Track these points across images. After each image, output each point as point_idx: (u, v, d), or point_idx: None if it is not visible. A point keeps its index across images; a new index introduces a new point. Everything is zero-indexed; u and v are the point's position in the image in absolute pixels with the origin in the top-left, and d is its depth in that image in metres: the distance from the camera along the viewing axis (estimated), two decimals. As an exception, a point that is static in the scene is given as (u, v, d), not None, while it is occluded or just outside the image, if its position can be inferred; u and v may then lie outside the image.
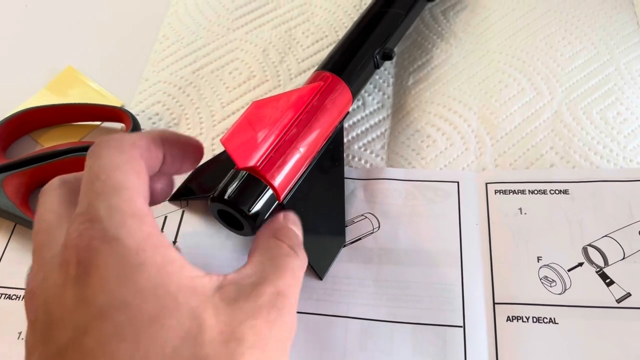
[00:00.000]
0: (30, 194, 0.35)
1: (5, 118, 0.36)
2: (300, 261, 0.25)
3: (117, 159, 0.21)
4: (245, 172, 0.28)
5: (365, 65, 0.35)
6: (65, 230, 0.21)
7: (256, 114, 0.28)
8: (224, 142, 0.26)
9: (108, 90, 0.40)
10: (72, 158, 0.34)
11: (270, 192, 0.28)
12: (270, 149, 0.29)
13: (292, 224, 0.27)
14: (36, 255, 0.22)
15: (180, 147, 0.25)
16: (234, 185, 0.28)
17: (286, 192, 0.30)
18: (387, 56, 0.36)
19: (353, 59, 0.35)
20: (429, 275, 0.31)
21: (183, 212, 0.34)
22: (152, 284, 0.19)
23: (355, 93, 0.34)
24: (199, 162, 0.27)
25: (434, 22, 0.43)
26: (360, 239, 0.33)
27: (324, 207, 0.32)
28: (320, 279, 0.31)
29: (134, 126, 0.36)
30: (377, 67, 0.36)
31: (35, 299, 0.20)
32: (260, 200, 0.28)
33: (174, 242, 0.33)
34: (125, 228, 0.20)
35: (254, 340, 0.20)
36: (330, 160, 0.33)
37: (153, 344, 0.18)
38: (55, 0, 0.46)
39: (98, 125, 0.38)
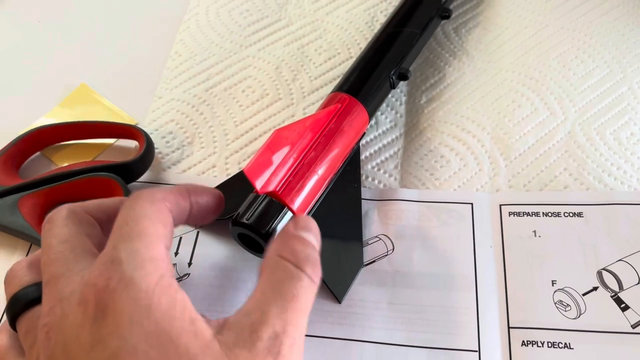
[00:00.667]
0: (44, 214, 0.35)
1: (19, 136, 0.37)
2: (307, 282, 0.24)
3: (147, 209, 0.23)
4: (265, 195, 0.29)
5: (381, 86, 0.35)
6: (83, 266, 0.22)
7: (277, 140, 0.29)
8: (246, 172, 0.27)
9: (121, 108, 0.40)
10: (87, 178, 0.34)
11: (289, 214, 0.29)
12: (289, 173, 0.29)
13: (303, 230, 0.26)
14: (52, 287, 0.22)
15: (205, 197, 0.27)
16: (254, 209, 0.28)
17: (305, 215, 0.30)
18: (403, 76, 0.36)
19: (369, 80, 0.35)
20: (443, 298, 0.31)
21: (198, 232, 0.34)
22: (157, 329, 0.20)
23: (371, 114, 0.35)
24: (221, 211, 0.28)
25: (446, 40, 0.43)
26: (374, 261, 0.33)
27: (342, 229, 0.32)
28: (339, 302, 0.31)
29: (148, 144, 0.36)
30: (393, 87, 0.36)
31: (54, 334, 0.21)
32: (280, 224, 0.28)
33: (189, 264, 0.33)
34: (141, 270, 0.21)
35: None
36: (348, 181, 0.33)
37: None
38: (67, 17, 0.46)
39: (112, 144, 0.38)
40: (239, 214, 0.29)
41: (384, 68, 0.36)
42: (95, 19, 0.46)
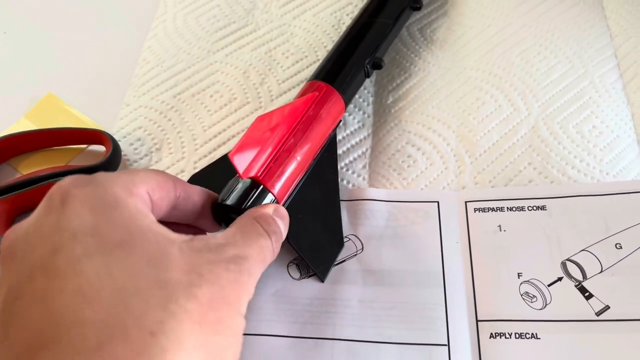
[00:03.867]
0: (12, 221, 0.35)
1: (-14, 148, 0.36)
2: (271, 245, 0.26)
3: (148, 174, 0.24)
4: (246, 179, 0.30)
5: (356, 75, 0.36)
6: None
7: (259, 127, 0.30)
8: (231, 156, 0.28)
9: (90, 117, 0.40)
10: (42, 187, 0.34)
11: (270, 196, 0.30)
12: (270, 158, 0.30)
13: (278, 216, 0.28)
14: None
15: (191, 189, 0.28)
16: (236, 192, 0.30)
17: (285, 198, 0.31)
18: (377, 65, 0.37)
19: (345, 69, 0.36)
20: (412, 295, 0.32)
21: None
22: (124, 220, 0.21)
23: (347, 102, 0.36)
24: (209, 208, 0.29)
25: (411, 40, 0.44)
26: (344, 260, 0.33)
27: (322, 213, 0.34)
28: (322, 281, 0.32)
29: (114, 149, 0.36)
30: (368, 76, 0.37)
31: (17, 234, 0.21)
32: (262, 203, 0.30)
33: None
34: (114, 184, 0.22)
35: (212, 278, 0.21)
36: (326, 167, 0.34)
37: (119, 265, 0.19)
38: (34, 27, 0.46)
39: (84, 149, 0.38)
40: (221, 197, 0.30)
41: (359, 57, 0.37)
42: (61, 28, 0.46)
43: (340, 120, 0.36)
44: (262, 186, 0.30)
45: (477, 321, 0.31)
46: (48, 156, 0.38)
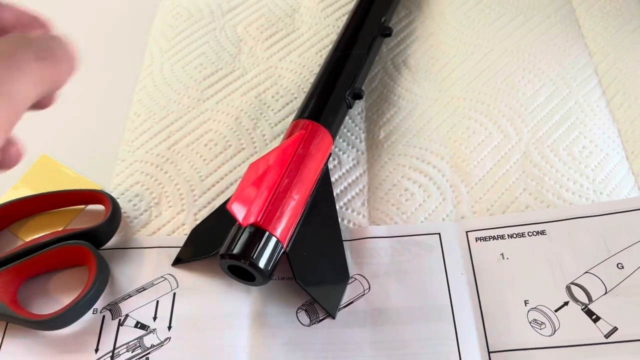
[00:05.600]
0: (18, 290, 0.34)
1: (-16, 217, 0.36)
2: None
3: None
4: (249, 226, 0.31)
5: (339, 108, 0.37)
6: None
7: (253, 174, 0.31)
8: (229, 207, 0.29)
9: (86, 176, 0.40)
10: (57, 249, 0.34)
11: (274, 240, 0.31)
12: (267, 202, 0.31)
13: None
14: None
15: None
16: (240, 240, 0.31)
17: (288, 239, 0.32)
18: (358, 95, 0.38)
19: (327, 104, 0.37)
20: (423, 331, 0.32)
21: (174, 294, 0.34)
22: None
23: (334, 135, 0.37)
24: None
25: (397, 73, 0.44)
26: (352, 302, 0.34)
27: (324, 248, 0.34)
28: (333, 318, 0.33)
29: (113, 207, 0.36)
30: (350, 107, 0.38)
31: None
32: (266, 250, 0.31)
33: (169, 327, 0.33)
34: None
35: None
36: (322, 201, 0.35)
37: None
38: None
39: (82, 210, 0.38)
40: (225, 246, 0.31)
41: (338, 90, 0.38)
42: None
43: (330, 154, 0.36)
44: (264, 231, 0.30)
45: (489, 353, 0.31)
46: (47, 219, 0.38)
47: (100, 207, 0.38)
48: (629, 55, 0.44)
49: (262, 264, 0.30)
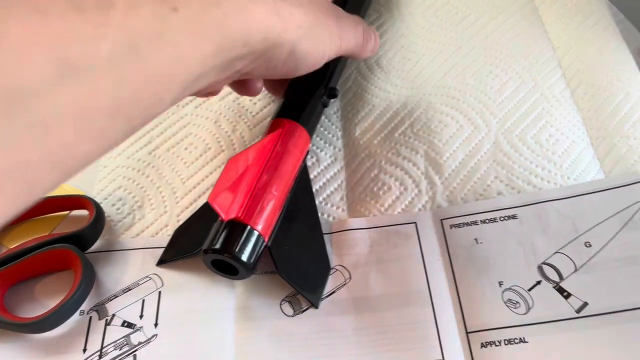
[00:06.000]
0: (4, 295, 0.35)
1: (-31, 226, 0.37)
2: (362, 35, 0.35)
3: None
4: (230, 221, 0.31)
5: (315, 106, 0.38)
6: None
7: (232, 169, 0.31)
8: (211, 201, 0.30)
9: (69, 183, 0.41)
10: (43, 253, 0.34)
11: (256, 234, 0.32)
12: (248, 197, 0.32)
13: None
14: None
15: None
16: (222, 235, 0.31)
17: (270, 233, 0.33)
18: (332, 94, 0.40)
19: (303, 103, 0.38)
20: (403, 316, 0.33)
21: (160, 292, 0.35)
22: None
23: (311, 132, 0.38)
24: None
25: (370, 73, 0.46)
26: (334, 291, 0.35)
27: (305, 240, 0.36)
28: (316, 307, 0.34)
29: (97, 211, 0.37)
30: (325, 105, 0.40)
31: None
32: (249, 244, 0.31)
33: (156, 324, 0.34)
34: None
35: None
36: (302, 196, 0.36)
37: None
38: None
39: (67, 215, 0.39)
40: (208, 241, 0.32)
41: (314, 90, 0.39)
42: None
43: (308, 152, 0.38)
44: (246, 225, 0.31)
45: (467, 333, 0.33)
46: (32, 226, 0.38)
47: (84, 212, 0.39)
48: (590, 48, 0.46)
49: (244, 257, 0.31)
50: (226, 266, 0.32)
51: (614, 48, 0.47)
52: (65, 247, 0.35)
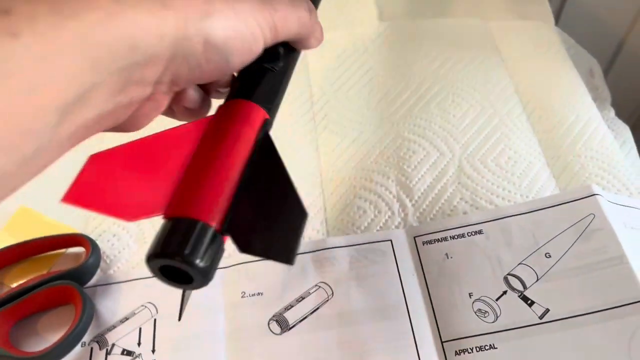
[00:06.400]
0: (9, 332, 0.37)
1: (-29, 267, 0.39)
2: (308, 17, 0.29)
3: None
4: (166, 220, 0.25)
5: (256, 75, 0.31)
6: None
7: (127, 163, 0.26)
8: (66, 200, 0.25)
9: (64, 222, 0.43)
10: (45, 290, 0.37)
11: (199, 225, 0.24)
12: (176, 187, 0.26)
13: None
14: None
15: None
16: (160, 237, 0.24)
17: (221, 219, 0.25)
18: (274, 55, 0.32)
19: (242, 78, 0.31)
20: (383, 329, 0.36)
21: (155, 319, 0.37)
22: None
23: (262, 101, 0.30)
24: None
25: (340, 105, 0.50)
26: (318, 308, 0.37)
27: (273, 200, 0.28)
28: (292, 264, 0.27)
29: (94, 249, 0.39)
30: (275, 69, 0.32)
31: None
32: (192, 238, 0.24)
33: (153, 351, 0.36)
34: None
35: None
36: (265, 164, 0.29)
37: None
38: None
39: (63, 253, 0.41)
40: (150, 249, 0.24)
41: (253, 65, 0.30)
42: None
43: (268, 121, 0.30)
44: (187, 219, 0.24)
45: (442, 342, 0.35)
46: (31, 265, 0.41)
47: (80, 249, 0.41)
48: (543, 74, 0.50)
49: (194, 255, 0.24)
50: (179, 274, 0.26)
51: (565, 73, 0.51)
52: (66, 283, 0.37)
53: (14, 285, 0.40)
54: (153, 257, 0.24)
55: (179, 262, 0.24)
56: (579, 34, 0.60)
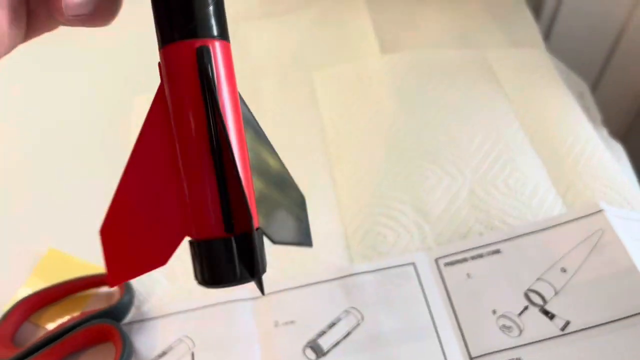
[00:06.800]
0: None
1: (8, 310, 0.40)
2: None
3: None
4: (196, 242, 0.23)
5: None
6: None
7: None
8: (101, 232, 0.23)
9: (91, 261, 0.44)
10: (84, 330, 0.38)
11: (254, 234, 0.22)
12: (186, 206, 0.23)
13: None
14: None
15: None
16: (203, 262, 0.23)
17: (252, 215, 0.22)
18: None
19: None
20: (414, 349, 0.38)
21: (193, 353, 0.39)
22: None
23: (207, 32, 0.22)
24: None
25: (350, 135, 0.52)
26: (350, 333, 0.39)
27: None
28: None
29: (127, 287, 0.41)
30: None
31: None
32: (257, 250, 0.22)
33: (194, 382, 0.37)
34: None
35: None
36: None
37: None
38: (20, 189, 0.50)
39: (96, 292, 0.42)
40: (198, 275, 0.23)
41: None
42: (49, 186, 0.51)
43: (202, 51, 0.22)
44: (245, 234, 0.22)
45: (471, 359, 0.37)
46: (65, 306, 0.42)
47: (111, 288, 0.42)
48: (540, 99, 0.53)
49: (253, 270, 0.23)
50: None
51: (560, 96, 0.54)
52: (104, 322, 0.38)
53: (50, 326, 0.41)
54: (228, 284, 0.22)
55: (256, 280, 0.22)
56: (569, 58, 0.63)
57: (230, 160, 0.22)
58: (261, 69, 0.59)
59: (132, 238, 0.23)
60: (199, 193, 0.22)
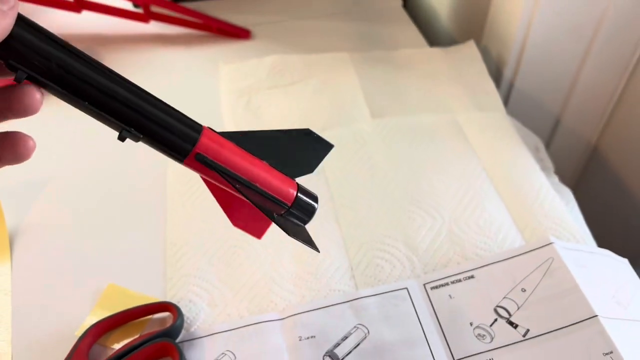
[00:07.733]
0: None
1: (82, 335, 0.49)
2: None
3: None
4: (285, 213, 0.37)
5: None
6: None
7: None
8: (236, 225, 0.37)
9: (145, 293, 0.54)
10: (150, 346, 0.47)
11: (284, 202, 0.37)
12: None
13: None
14: None
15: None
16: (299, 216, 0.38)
17: (283, 193, 0.38)
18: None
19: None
20: (409, 356, 0.48)
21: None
22: None
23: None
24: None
25: (348, 186, 0.63)
26: (359, 344, 0.49)
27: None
28: (318, 251, 0.40)
29: (179, 313, 0.50)
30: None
31: None
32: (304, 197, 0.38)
33: (239, 385, 0.47)
34: None
35: None
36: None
37: None
38: (83, 233, 0.60)
39: (150, 319, 0.52)
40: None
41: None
42: (100, 230, 0.61)
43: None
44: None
45: (455, 360, 0.48)
46: (127, 330, 0.51)
47: (163, 314, 0.52)
48: (501, 153, 0.66)
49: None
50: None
51: (518, 150, 0.67)
52: (165, 340, 0.48)
53: (116, 346, 0.50)
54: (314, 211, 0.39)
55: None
56: (523, 117, 0.76)
57: (244, 183, 0.35)
58: (271, 131, 0.71)
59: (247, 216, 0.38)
60: (255, 203, 0.36)
